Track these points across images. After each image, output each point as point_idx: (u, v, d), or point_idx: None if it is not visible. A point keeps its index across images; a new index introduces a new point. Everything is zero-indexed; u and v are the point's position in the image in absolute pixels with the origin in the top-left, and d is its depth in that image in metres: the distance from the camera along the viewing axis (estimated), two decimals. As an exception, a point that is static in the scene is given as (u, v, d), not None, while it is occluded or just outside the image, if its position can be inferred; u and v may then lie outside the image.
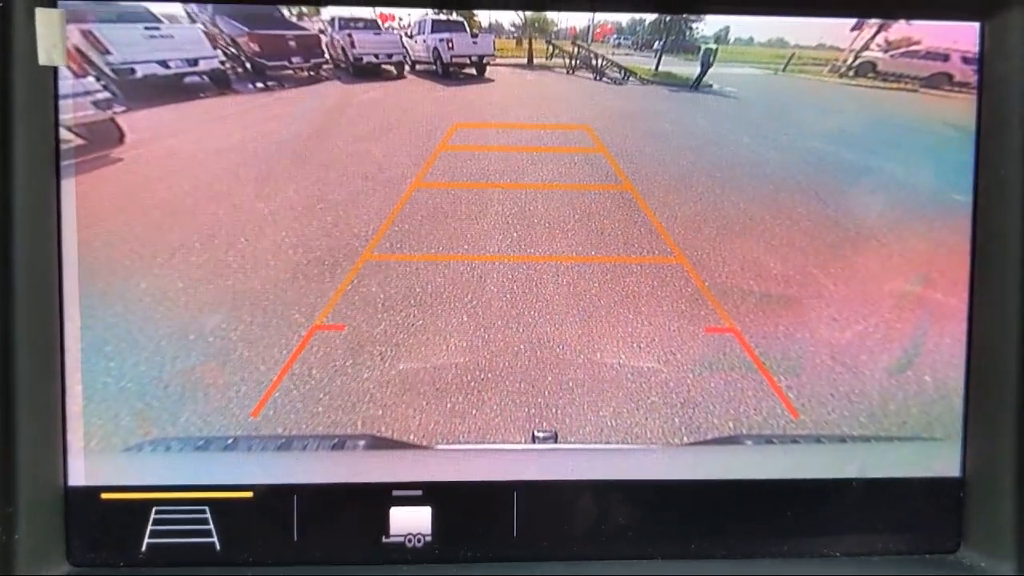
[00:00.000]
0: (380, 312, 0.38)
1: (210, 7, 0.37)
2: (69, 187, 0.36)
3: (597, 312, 0.38)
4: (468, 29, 0.38)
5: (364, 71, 0.38)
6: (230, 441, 0.37)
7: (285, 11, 0.38)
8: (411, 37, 0.38)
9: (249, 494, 0.37)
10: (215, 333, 0.37)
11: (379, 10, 0.38)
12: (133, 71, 0.37)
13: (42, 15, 0.35)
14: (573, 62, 0.39)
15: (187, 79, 0.38)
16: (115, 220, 0.37)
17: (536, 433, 0.38)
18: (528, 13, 0.38)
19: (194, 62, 0.38)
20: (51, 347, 0.36)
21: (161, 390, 0.37)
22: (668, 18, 0.38)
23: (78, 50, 0.36)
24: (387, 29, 0.38)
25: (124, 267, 0.37)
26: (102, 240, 0.37)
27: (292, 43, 0.38)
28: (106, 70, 0.37)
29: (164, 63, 0.37)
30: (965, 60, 0.38)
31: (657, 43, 0.39)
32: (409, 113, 0.38)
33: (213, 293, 0.37)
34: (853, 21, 0.38)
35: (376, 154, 0.38)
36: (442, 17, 0.38)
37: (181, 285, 0.37)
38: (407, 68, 0.38)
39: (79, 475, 0.37)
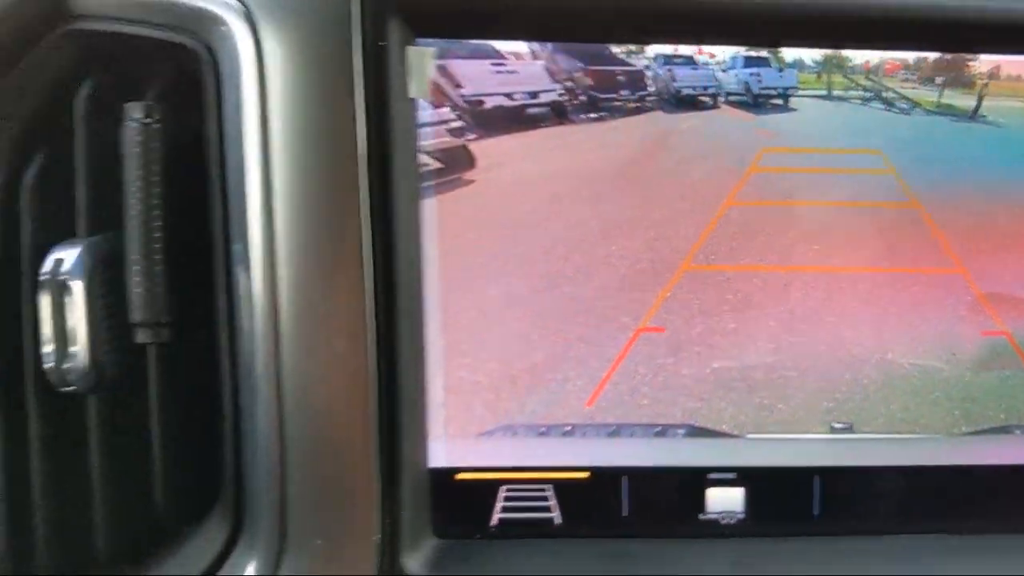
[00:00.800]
0: (696, 316, 0.43)
1: (550, 44, 0.42)
2: (431, 206, 0.41)
3: (888, 317, 0.43)
4: (774, 64, 0.43)
5: (683, 102, 0.43)
6: (568, 428, 0.43)
7: (615, 49, 0.42)
8: (724, 71, 0.43)
9: (586, 474, 0.43)
10: (556, 334, 0.42)
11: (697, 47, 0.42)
12: (482, 103, 0.42)
13: (414, 52, 0.40)
14: (867, 94, 0.43)
15: (529, 110, 0.42)
16: (469, 236, 0.42)
17: (834, 424, 0.43)
18: (827, 51, 0.43)
19: (535, 95, 0.42)
20: (420, 346, 0.41)
21: (509, 383, 0.42)
22: (948, 56, 0.43)
23: (435, 84, 0.41)
24: (703, 64, 0.43)
25: (478, 276, 0.42)
26: (459, 252, 0.42)
27: (621, 77, 0.43)
28: (459, 102, 0.42)
29: (509, 95, 0.42)
30: None
31: (939, 78, 0.43)
32: (723, 139, 0.43)
33: (553, 299, 0.42)
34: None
35: (694, 176, 0.43)
36: (752, 54, 0.43)
37: (526, 292, 0.42)
38: (721, 99, 0.43)
39: (440, 458, 0.42)
